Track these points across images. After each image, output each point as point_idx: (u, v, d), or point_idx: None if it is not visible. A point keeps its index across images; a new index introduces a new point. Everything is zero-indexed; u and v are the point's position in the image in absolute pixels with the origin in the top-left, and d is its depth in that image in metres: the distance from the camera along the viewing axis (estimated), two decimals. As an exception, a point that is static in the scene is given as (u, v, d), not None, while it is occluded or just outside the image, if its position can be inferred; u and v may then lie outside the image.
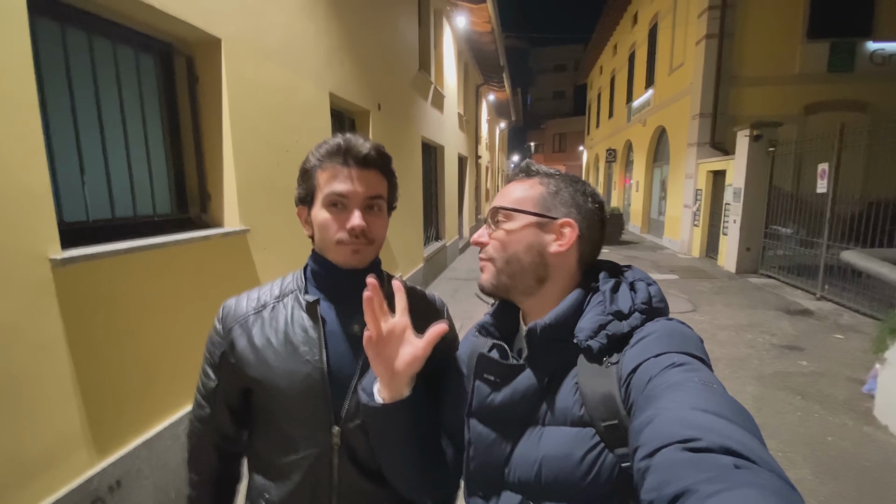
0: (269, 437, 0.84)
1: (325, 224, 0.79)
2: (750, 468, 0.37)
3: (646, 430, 0.46)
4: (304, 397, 0.78)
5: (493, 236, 0.72)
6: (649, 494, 0.40)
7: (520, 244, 0.69)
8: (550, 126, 39.03)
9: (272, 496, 0.84)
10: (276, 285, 0.89)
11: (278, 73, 3.00)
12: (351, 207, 0.79)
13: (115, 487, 1.83)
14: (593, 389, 0.60)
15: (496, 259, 0.71)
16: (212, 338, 0.86)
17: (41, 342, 1.57)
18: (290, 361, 0.79)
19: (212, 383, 0.85)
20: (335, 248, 0.80)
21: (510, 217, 0.71)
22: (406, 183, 6.19)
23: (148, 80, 2.26)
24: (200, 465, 0.90)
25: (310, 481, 0.81)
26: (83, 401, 1.71)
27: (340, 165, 0.79)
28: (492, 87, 14.79)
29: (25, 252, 1.51)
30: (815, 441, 2.83)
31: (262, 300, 0.86)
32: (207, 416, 0.86)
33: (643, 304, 0.64)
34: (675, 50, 11.08)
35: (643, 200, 14.31)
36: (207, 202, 2.56)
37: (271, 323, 0.82)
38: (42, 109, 1.58)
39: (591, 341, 0.62)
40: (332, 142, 0.81)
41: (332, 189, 0.78)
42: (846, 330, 4.93)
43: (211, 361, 0.85)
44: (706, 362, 0.57)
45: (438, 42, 8.48)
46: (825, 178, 6.22)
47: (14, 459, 1.49)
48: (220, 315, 0.86)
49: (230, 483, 0.95)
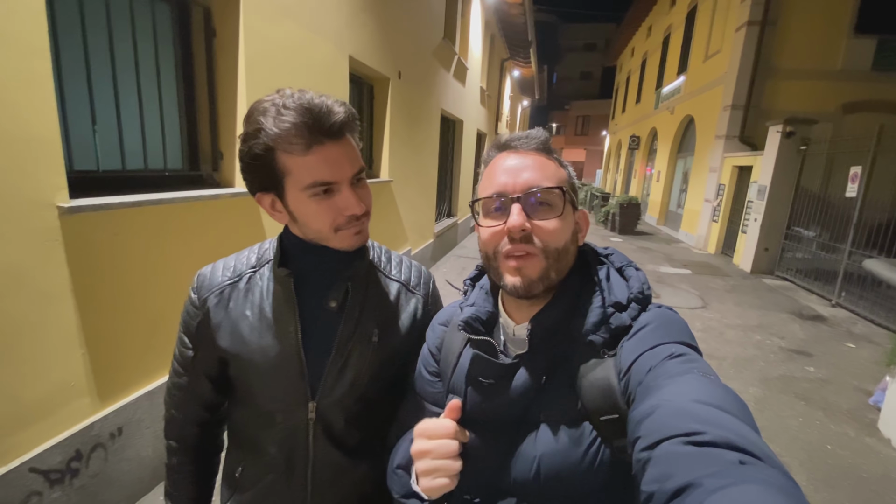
0: (246, 410, 0.83)
1: (316, 216, 0.71)
2: (755, 464, 0.36)
3: (647, 421, 0.45)
4: (279, 372, 0.77)
5: (546, 226, 0.61)
6: (650, 486, 0.39)
7: (568, 233, 0.63)
8: (575, 107, 38.01)
9: (247, 468, 0.83)
10: (252, 252, 0.85)
11: (297, 32, 2.91)
12: (342, 192, 0.70)
13: (115, 434, 1.88)
14: (591, 382, 0.59)
15: (550, 251, 0.61)
16: (187, 307, 0.83)
17: (46, 289, 1.58)
18: (266, 336, 0.77)
19: (189, 352, 0.83)
20: (334, 235, 0.74)
21: (563, 200, 0.62)
22: (422, 156, 6.10)
23: (163, 31, 2.21)
24: (180, 431, 0.88)
25: (284, 455, 0.80)
26: (87, 349, 1.74)
27: (314, 145, 0.66)
28: (517, 62, 14.35)
29: (33, 198, 1.51)
30: (814, 448, 2.80)
31: (237, 269, 0.82)
32: (186, 383, 0.85)
33: (639, 293, 0.62)
34: (713, 36, 10.58)
35: (663, 191, 13.99)
36: (219, 161, 2.54)
37: (247, 295, 0.79)
38: (54, 55, 1.55)
39: (594, 336, 0.60)
40: (287, 114, 0.65)
41: (314, 179, 0.68)
42: (858, 339, 4.83)
43: (187, 331, 0.83)
44: (698, 350, 0.57)
45: (466, 11, 8.20)
46: (857, 181, 5.98)
47: (16, 401, 1.52)
48: (196, 284, 0.82)
49: (211, 452, 0.94)
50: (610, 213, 12.67)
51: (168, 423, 0.89)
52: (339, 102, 0.69)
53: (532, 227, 0.60)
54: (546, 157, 0.65)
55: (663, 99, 14.37)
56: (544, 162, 0.64)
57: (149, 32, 2.12)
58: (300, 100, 0.66)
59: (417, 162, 5.89)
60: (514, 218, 0.59)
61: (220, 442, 0.95)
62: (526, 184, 0.61)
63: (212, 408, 0.88)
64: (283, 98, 0.67)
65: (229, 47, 2.43)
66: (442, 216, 8.26)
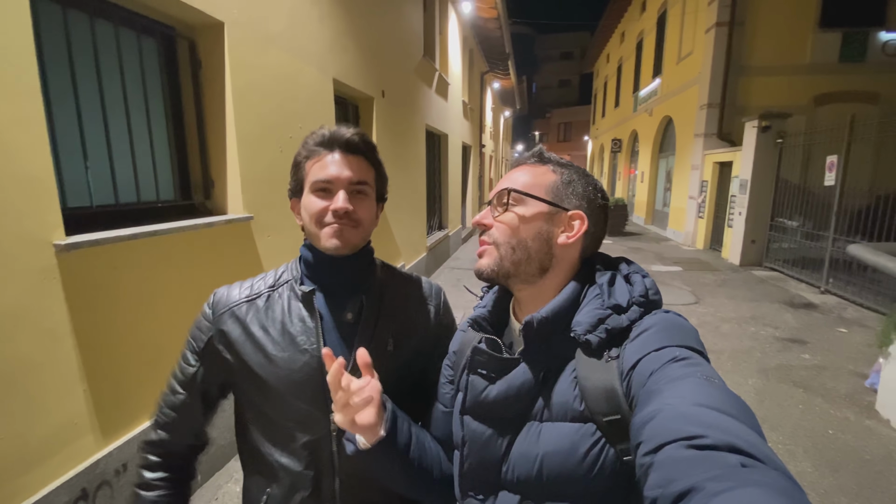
0: (266, 432, 0.83)
1: (310, 208, 0.80)
2: (756, 467, 0.37)
3: (649, 426, 0.45)
4: (302, 387, 0.79)
5: (501, 219, 0.69)
6: (653, 491, 0.39)
7: (529, 231, 0.67)
8: (555, 115, 38.63)
9: (273, 492, 0.83)
10: (269, 275, 0.89)
11: (282, 59, 2.96)
12: (336, 191, 0.79)
13: (121, 471, 1.85)
14: (594, 384, 0.59)
15: (502, 244, 0.68)
16: (199, 323, 0.85)
17: (46, 328, 1.57)
18: (288, 350, 0.80)
19: (191, 369, 0.84)
20: (320, 232, 0.79)
21: (521, 201, 0.68)
22: (409, 171, 6.15)
23: (150, 65, 2.24)
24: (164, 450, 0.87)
25: (312, 468, 0.81)
26: (89, 386, 1.72)
27: (326, 152, 0.81)
28: (497, 74, 14.61)
29: (29, 238, 1.51)
30: (817, 434, 2.83)
31: (255, 289, 0.86)
32: (180, 402, 0.85)
33: (641, 297, 0.63)
34: (684, 38, 10.90)
35: (648, 191, 14.21)
36: (211, 189, 2.55)
37: (267, 312, 0.82)
38: (44, 94, 1.57)
39: (590, 335, 0.61)
40: (318, 132, 0.82)
41: (317, 176, 0.80)
42: (850, 324, 4.92)
43: (194, 347, 0.84)
44: (704, 355, 0.57)
45: (443, 28, 8.36)
46: (833, 170, 6.15)
47: (23, 443, 1.50)
48: (211, 301, 0.86)
49: (185, 480, 0.92)
50: (598, 216, 12.79)
51: (151, 441, 0.87)
52: (358, 131, 0.83)
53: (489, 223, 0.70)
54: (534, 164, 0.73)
55: (641, 102, 14.68)
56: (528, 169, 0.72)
57: (136, 67, 2.14)
58: (328, 127, 0.83)
59: (406, 177, 5.95)
60: (478, 216, 0.72)
61: (193, 471, 0.94)
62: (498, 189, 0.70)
63: (197, 433, 0.90)
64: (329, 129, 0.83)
65: (215, 77, 2.46)
66: (433, 229, 8.30)
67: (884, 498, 2.27)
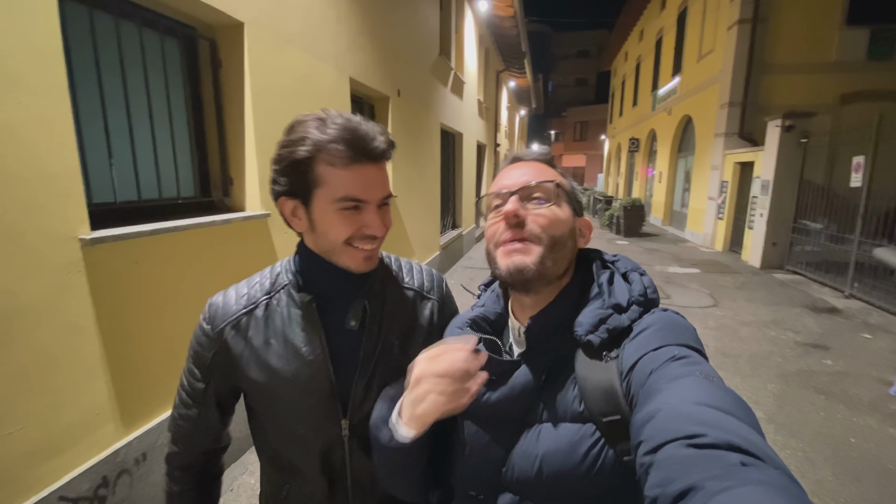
0: (278, 437, 0.83)
1: (336, 227, 0.72)
2: (756, 465, 0.36)
3: (648, 425, 0.45)
4: (311, 396, 0.78)
5: (543, 213, 0.64)
6: (654, 491, 0.39)
7: (567, 226, 0.66)
8: (572, 114, 38.25)
9: (291, 493, 0.84)
10: (265, 277, 0.84)
11: (300, 58, 3.00)
12: (368, 210, 0.72)
13: (140, 460, 1.90)
14: (594, 384, 0.59)
15: (544, 238, 0.63)
16: (198, 338, 0.81)
17: (71, 320, 1.62)
18: (294, 362, 0.77)
19: (200, 384, 0.81)
20: (345, 250, 0.74)
21: (557, 193, 0.66)
22: (424, 170, 6.17)
23: (173, 65, 2.29)
24: (185, 460, 0.87)
25: (325, 473, 0.81)
26: (111, 377, 1.78)
27: (353, 163, 0.69)
28: (512, 73, 14.54)
29: (56, 232, 1.56)
30: (838, 442, 2.76)
31: (252, 296, 0.81)
32: (195, 416, 0.83)
33: (640, 296, 0.63)
34: (705, 36, 10.68)
35: (666, 192, 13.98)
36: (229, 186, 2.60)
37: (267, 323, 0.79)
38: (71, 93, 1.62)
39: (592, 336, 0.60)
40: (334, 127, 0.69)
41: (347, 193, 0.70)
42: (875, 329, 4.77)
43: (199, 362, 0.81)
44: (703, 353, 0.57)
45: (459, 27, 8.35)
46: (860, 171, 5.96)
47: (46, 430, 1.56)
48: (207, 315, 0.80)
49: (212, 478, 0.93)
50: (614, 216, 12.66)
51: (173, 453, 0.88)
52: (381, 131, 0.73)
53: (527, 214, 0.64)
54: (546, 165, 0.71)
55: (660, 100, 14.44)
56: (544, 167, 0.70)
57: (159, 67, 2.20)
58: (347, 118, 0.71)
59: (420, 176, 5.96)
60: (507, 205, 0.64)
61: (221, 468, 0.95)
62: (523, 181, 0.67)
63: (217, 438, 0.89)
64: (328, 115, 0.71)
65: (235, 77, 2.51)
66: (447, 228, 8.31)
67: (908, 509, 2.21)
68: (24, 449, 1.49)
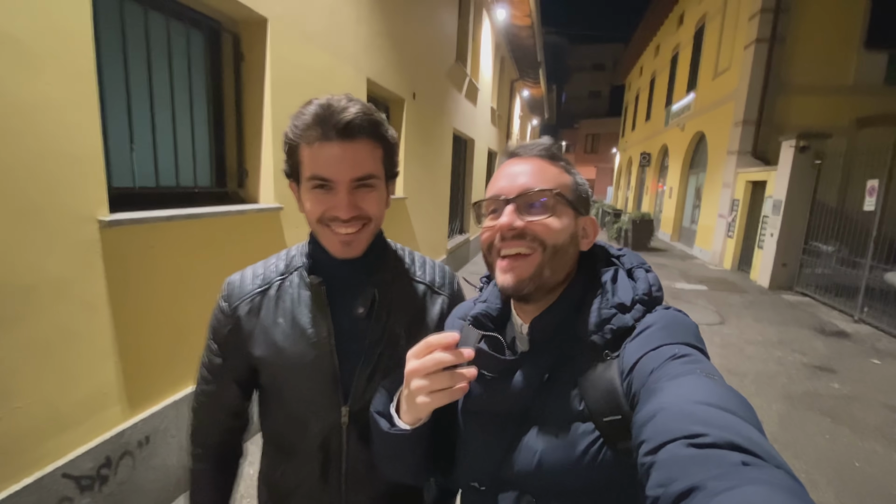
0: (280, 417, 0.84)
1: (309, 206, 0.73)
2: (758, 465, 0.36)
3: (649, 425, 0.45)
4: (313, 379, 0.78)
5: (541, 222, 0.62)
6: (655, 490, 0.39)
7: (566, 234, 0.63)
8: (584, 126, 38.24)
9: (285, 474, 0.85)
10: (280, 259, 0.85)
11: (319, 56, 3.04)
12: (337, 190, 0.71)
13: (143, 443, 1.92)
14: (594, 384, 0.59)
15: (542, 248, 0.62)
16: (216, 315, 0.83)
17: (86, 299, 1.65)
18: (300, 343, 0.78)
19: (218, 360, 0.83)
20: (322, 231, 0.75)
21: (556, 202, 0.63)
22: (435, 173, 6.20)
23: (196, 56, 2.33)
24: (206, 438, 0.89)
25: (320, 459, 0.81)
26: (119, 358, 1.80)
27: (321, 140, 0.69)
28: (527, 82, 14.60)
29: (76, 212, 1.59)
30: (842, 465, 2.72)
31: (267, 277, 0.82)
32: (214, 391, 0.85)
33: (644, 294, 0.62)
34: (722, 53, 10.67)
35: (676, 207, 13.92)
36: (245, 178, 2.64)
37: (278, 303, 0.80)
38: (98, 79, 1.65)
39: (595, 336, 0.60)
40: (309, 110, 0.70)
41: (313, 171, 0.70)
42: (884, 355, 4.70)
43: (217, 338, 0.83)
44: (705, 351, 0.56)
45: (477, 34, 8.42)
46: (874, 195, 5.91)
47: (54, 408, 1.58)
48: (225, 292, 0.83)
49: (234, 457, 0.94)
50: (622, 229, 12.62)
51: (195, 429, 0.89)
52: (359, 104, 0.70)
53: (525, 225, 0.62)
54: (548, 163, 0.66)
55: (673, 116, 14.42)
56: (545, 166, 0.66)
57: (183, 57, 2.24)
58: (326, 98, 0.71)
59: (431, 179, 5.99)
60: (503, 218, 0.62)
61: (242, 448, 0.96)
62: (521, 187, 0.63)
63: (237, 414, 0.89)
64: (323, 98, 0.71)
65: (256, 71, 2.55)
66: (454, 232, 8.32)
67: (913, 536, 2.17)
68: (30, 424, 1.51)
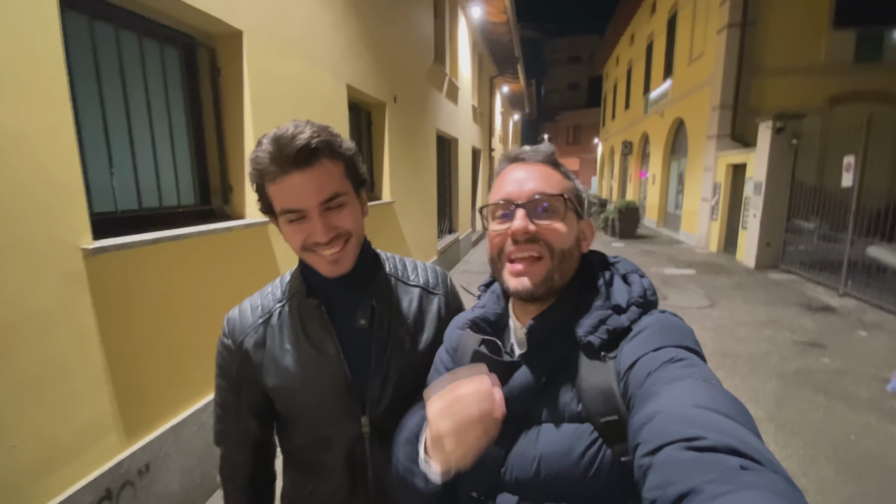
0: (301, 437, 0.85)
1: (291, 240, 0.75)
2: (756, 469, 0.36)
3: (647, 427, 0.45)
4: (329, 396, 0.80)
5: (553, 227, 0.63)
6: (652, 493, 0.39)
7: (573, 238, 0.65)
8: (564, 118, 38.51)
9: (314, 492, 0.86)
10: (276, 287, 0.87)
11: (298, 66, 3.01)
12: (310, 217, 0.72)
13: (143, 471, 1.88)
14: (591, 384, 0.59)
15: (553, 254, 0.63)
16: (221, 354, 0.84)
17: (75, 329, 1.61)
18: (310, 365, 0.80)
19: (232, 397, 0.85)
20: (309, 256, 0.77)
21: (564, 207, 0.65)
22: (420, 175, 6.19)
23: (172, 73, 2.29)
24: (237, 473, 0.91)
25: (348, 470, 0.83)
26: (113, 387, 1.76)
27: (280, 175, 0.70)
28: (506, 78, 14.65)
29: (59, 242, 1.55)
30: (838, 440, 2.78)
31: (265, 307, 0.84)
32: (235, 428, 0.86)
33: (640, 297, 0.63)
34: (695, 39, 10.82)
35: (660, 194, 14.09)
36: (229, 194, 2.60)
37: (282, 330, 0.82)
38: (72, 103, 1.61)
39: (592, 336, 0.61)
40: (262, 149, 0.70)
41: (283, 206, 0.72)
42: (870, 327, 4.82)
43: (226, 376, 0.84)
44: (701, 355, 0.57)
45: (453, 33, 8.41)
46: (851, 171, 6.05)
47: (49, 443, 1.54)
48: (227, 330, 0.84)
49: (268, 484, 0.96)
50: (609, 218, 12.74)
51: (226, 468, 0.91)
52: (312, 128, 0.70)
53: (536, 229, 0.63)
54: (552, 169, 0.68)
55: (652, 104, 14.59)
56: (550, 172, 0.67)
57: (159, 75, 2.20)
58: (274, 132, 0.70)
59: (417, 182, 5.98)
60: (517, 222, 0.62)
61: (273, 473, 0.98)
62: (531, 191, 0.64)
63: (263, 445, 0.91)
64: (272, 133, 0.71)
65: (234, 84, 2.51)
66: (444, 233, 8.32)
67: (910, 505, 2.22)
68: (27, 461, 1.47)
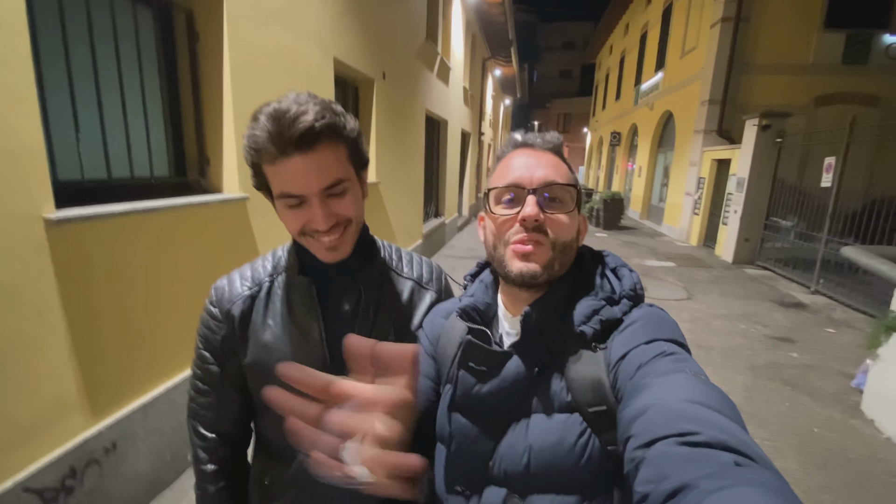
0: (270, 418, 0.82)
1: (288, 223, 0.73)
2: (750, 466, 0.37)
3: (639, 420, 0.45)
4: None
5: (559, 216, 0.63)
6: (645, 487, 0.39)
7: (574, 229, 0.65)
8: (555, 105, 38.34)
9: (276, 476, 0.83)
10: (267, 260, 0.84)
11: (282, 35, 2.88)
12: (310, 204, 0.69)
13: (110, 449, 1.83)
14: (581, 375, 0.59)
15: (558, 244, 0.63)
16: (207, 322, 0.81)
17: (37, 303, 1.54)
18: (290, 343, 0.78)
19: (214, 368, 0.81)
20: (306, 241, 0.74)
21: (569, 198, 0.64)
22: (408, 156, 6.09)
23: (146, 36, 2.16)
24: (213, 455, 0.86)
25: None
26: (79, 364, 1.69)
27: (280, 157, 0.65)
28: (499, 61, 14.43)
29: (19, 211, 1.46)
30: (803, 432, 2.88)
31: (255, 278, 0.82)
32: (214, 402, 0.83)
33: (630, 290, 0.64)
34: (689, 33, 10.80)
35: (645, 186, 14.22)
36: (206, 167, 2.50)
37: (268, 304, 0.80)
38: (35, 64, 1.50)
39: (585, 327, 0.61)
40: (260, 125, 0.65)
41: (282, 190, 0.68)
42: (838, 324, 4.98)
43: (210, 347, 0.81)
44: (688, 349, 0.58)
45: (447, 11, 8.21)
46: (831, 172, 6.17)
47: (9, 420, 1.48)
48: (214, 298, 0.81)
49: (243, 473, 0.91)
50: (594, 208, 12.83)
51: (200, 449, 0.85)
52: (316, 107, 0.65)
53: (544, 219, 0.62)
54: (559, 159, 0.67)
55: (642, 95, 14.60)
56: (558, 162, 0.67)
57: (131, 37, 2.07)
58: (274, 106, 0.65)
59: (404, 163, 5.88)
60: (528, 208, 0.61)
61: (247, 463, 0.93)
62: (542, 179, 0.63)
63: (242, 424, 0.87)
64: (268, 104, 0.66)
65: (214, 51, 2.39)
66: (429, 216, 8.26)
67: (867, 497, 2.32)
68: (-17, 439, 1.41)
